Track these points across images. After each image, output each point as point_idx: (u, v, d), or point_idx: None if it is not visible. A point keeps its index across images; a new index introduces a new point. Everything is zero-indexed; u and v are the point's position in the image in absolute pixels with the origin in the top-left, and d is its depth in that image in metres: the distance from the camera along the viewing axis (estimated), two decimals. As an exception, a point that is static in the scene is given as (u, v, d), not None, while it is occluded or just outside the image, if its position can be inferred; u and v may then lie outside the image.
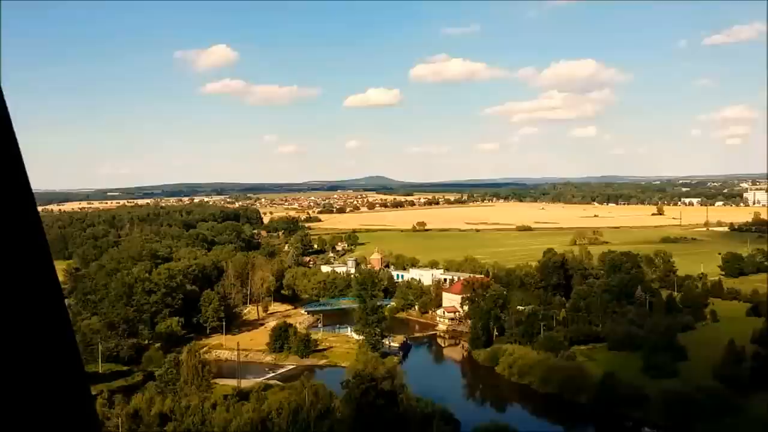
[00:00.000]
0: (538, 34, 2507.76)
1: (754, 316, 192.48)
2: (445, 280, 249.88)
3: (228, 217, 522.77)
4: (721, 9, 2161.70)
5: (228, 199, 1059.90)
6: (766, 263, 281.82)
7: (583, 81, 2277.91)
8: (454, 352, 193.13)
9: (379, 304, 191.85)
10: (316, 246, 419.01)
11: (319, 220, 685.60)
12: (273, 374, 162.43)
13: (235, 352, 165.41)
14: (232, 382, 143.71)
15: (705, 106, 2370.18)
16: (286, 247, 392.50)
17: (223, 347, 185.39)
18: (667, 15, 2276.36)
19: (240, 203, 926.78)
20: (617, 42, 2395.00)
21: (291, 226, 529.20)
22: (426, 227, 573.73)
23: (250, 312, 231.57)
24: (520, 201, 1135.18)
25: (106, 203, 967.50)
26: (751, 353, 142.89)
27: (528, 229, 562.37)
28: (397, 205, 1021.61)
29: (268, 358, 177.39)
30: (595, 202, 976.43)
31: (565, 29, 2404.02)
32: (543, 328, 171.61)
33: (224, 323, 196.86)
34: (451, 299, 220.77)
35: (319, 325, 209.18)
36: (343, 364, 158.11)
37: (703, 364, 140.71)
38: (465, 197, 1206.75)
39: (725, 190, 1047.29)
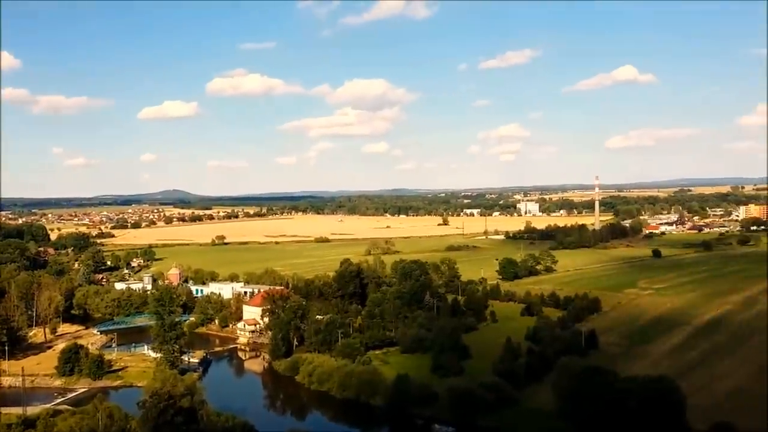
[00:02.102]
0: (333, 53, 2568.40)
1: (527, 316, 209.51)
2: (246, 293, 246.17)
3: (10, 235, 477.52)
4: (496, 35, 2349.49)
5: (10, 215, 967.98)
6: (536, 267, 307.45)
7: (375, 99, 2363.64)
8: (255, 364, 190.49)
9: (177, 320, 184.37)
10: (109, 263, 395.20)
11: (113, 236, 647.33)
12: (63, 399, 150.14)
13: (20, 378, 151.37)
14: (17, 410, 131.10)
15: (483, 125, 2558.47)
16: (77, 265, 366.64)
17: (6, 373, 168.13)
18: (449, 39, 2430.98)
19: (24, 219, 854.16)
20: (405, 63, 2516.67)
21: (81, 242, 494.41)
22: (225, 241, 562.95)
23: (37, 335, 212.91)
24: (318, 213, 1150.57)
25: None
26: (525, 349, 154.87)
27: (326, 240, 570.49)
28: (196, 219, 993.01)
29: (58, 383, 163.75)
30: (387, 214, 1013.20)
31: (358, 49, 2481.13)
32: (341, 336, 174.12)
33: (7, 348, 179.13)
34: (251, 312, 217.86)
35: (114, 345, 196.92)
36: (139, 384, 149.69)
37: (485, 362, 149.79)
38: (264, 210, 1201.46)
39: (501, 202, 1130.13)
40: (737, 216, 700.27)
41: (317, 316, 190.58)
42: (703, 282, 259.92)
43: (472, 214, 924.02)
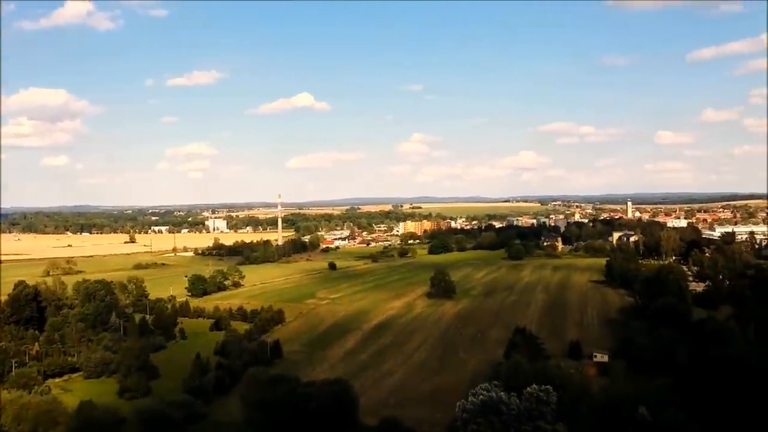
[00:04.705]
0: (5, 58, 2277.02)
1: (216, 330, 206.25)
2: None
3: None
4: (182, 55, 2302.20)
5: None
6: (225, 282, 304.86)
7: (55, 110, 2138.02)
8: None
9: None
10: None
11: None
12: None
13: None
14: None
15: (172, 142, 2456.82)
16: None
17: None
18: (134, 53, 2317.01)
19: None
20: (87, 74, 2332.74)
21: None
22: None
23: None
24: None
25: None
26: (214, 364, 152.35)
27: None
28: None
29: None
30: (68, 232, 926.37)
31: (34, 56, 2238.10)
32: (15, 366, 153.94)
33: None
34: None
35: None
36: None
37: (175, 380, 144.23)
38: None
39: (190, 219, 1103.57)
40: (397, 231, 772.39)
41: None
42: (372, 290, 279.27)
43: (160, 231, 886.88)
